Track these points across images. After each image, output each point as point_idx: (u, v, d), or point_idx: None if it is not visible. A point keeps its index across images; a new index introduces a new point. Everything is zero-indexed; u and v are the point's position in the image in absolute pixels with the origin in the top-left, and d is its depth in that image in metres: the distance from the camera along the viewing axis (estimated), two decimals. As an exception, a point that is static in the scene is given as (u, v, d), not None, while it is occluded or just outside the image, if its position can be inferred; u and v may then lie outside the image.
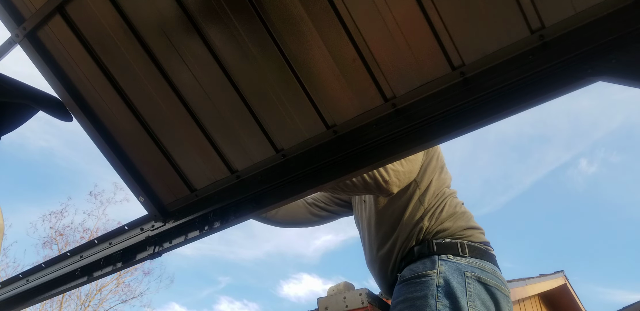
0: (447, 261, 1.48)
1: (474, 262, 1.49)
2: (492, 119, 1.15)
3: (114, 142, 1.82)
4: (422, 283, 1.44)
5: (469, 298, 1.38)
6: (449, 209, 1.65)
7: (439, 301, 1.37)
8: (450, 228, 1.58)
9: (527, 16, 1.13)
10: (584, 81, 1.04)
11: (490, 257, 1.56)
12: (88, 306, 16.10)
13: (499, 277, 1.52)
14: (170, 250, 1.77)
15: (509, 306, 1.48)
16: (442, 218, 1.61)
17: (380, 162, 1.34)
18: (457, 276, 1.43)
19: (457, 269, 1.46)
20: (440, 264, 1.47)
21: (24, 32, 1.71)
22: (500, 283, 1.49)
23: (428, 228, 1.59)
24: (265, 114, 1.55)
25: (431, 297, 1.38)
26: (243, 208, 1.60)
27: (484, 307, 1.40)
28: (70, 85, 1.77)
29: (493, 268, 1.52)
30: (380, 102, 1.37)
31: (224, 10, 1.44)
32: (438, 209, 1.63)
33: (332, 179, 1.41)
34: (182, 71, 1.59)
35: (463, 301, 1.37)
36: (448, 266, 1.46)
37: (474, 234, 1.60)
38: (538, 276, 8.03)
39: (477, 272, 1.46)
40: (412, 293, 1.44)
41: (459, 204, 1.72)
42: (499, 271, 1.55)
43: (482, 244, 1.58)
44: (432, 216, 1.61)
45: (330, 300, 1.71)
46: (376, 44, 1.32)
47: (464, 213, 1.68)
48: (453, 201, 1.71)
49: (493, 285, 1.46)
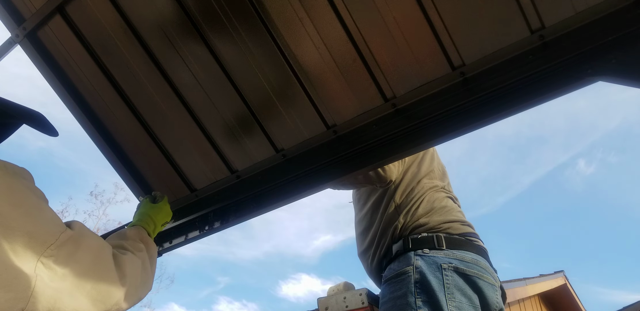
0: (423, 255, 1.46)
1: (451, 253, 1.47)
2: (492, 119, 1.16)
3: (114, 142, 1.82)
4: (401, 282, 1.43)
5: (447, 291, 1.36)
6: (426, 205, 1.62)
7: (418, 297, 1.36)
8: (427, 224, 1.56)
9: (527, 16, 1.13)
10: (584, 81, 1.04)
11: (472, 247, 1.53)
12: (88, 306, 16.10)
13: (482, 266, 1.48)
14: (171, 250, 1.78)
15: (495, 294, 1.46)
16: (418, 215, 1.59)
17: (380, 162, 1.34)
18: (433, 269, 1.42)
19: (434, 262, 1.44)
20: (416, 259, 1.45)
21: (24, 32, 1.71)
22: (482, 271, 1.46)
23: (404, 225, 1.57)
24: (265, 114, 1.55)
25: (410, 294, 1.38)
26: (243, 208, 1.60)
27: (465, 297, 1.38)
28: (70, 85, 1.77)
29: (474, 258, 1.48)
30: (380, 102, 1.37)
31: (225, 11, 1.44)
32: (414, 206, 1.61)
33: (332, 179, 1.41)
34: (182, 71, 1.59)
35: (441, 295, 1.35)
36: (424, 261, 1.45)
37: (452, 226, 1.57)
38: (538, 276, 8.02)
39: (454, 263, 1.44)
40: (393, 293, 1.43)
41: (439, 198, 1.67)
42: (482, 260, 1.51)
43: (462, 235, 1.55)
44: (408, 213, 1.59)
45: (330, 300, 1.71)
46: (376, 44, 1.32)
47: (443, 208, 1.63)
48: (433, 196, 1.66)
49: (473, 274, 1.43)
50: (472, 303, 1.39)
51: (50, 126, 1.00)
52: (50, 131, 1.00)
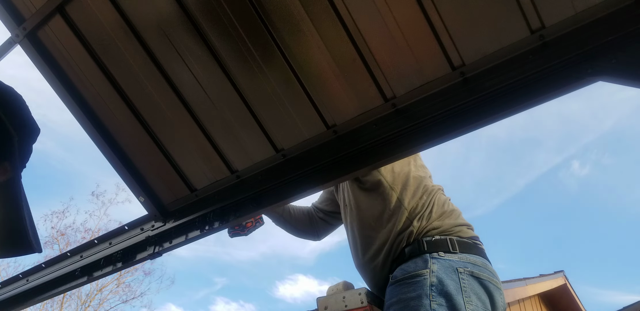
0: (439, 258, 1.47)
1: (465, 257, 1.49)
2: (492, 119, 1.15)
3: (114, 142, 1.82)
4: (416, 283, 1.43)
5: (464, 294, 1.38)
6: (437, 209, 1.64)
7: (434, 300, 1.37)
8: (441, 227, 1.58)
9: (527, 16, 1.13)
10: (584, 81, 1.04)
11: (480, 251, 1.56)
12: (89, 306, 16.09)
13: (490, 270, 1.52)
14: (171, 250, 1.77)
15: (501, 298, 1.49)
16: (432, 218, 1.60)
17: (380, 162, 1.34)
18: (450, 273, 1.43)
19: (450, 266, 1.45)
20: (433, 263, 1.46)
21: (24, 32, 1.71)
22: (491, 275, 1.50)
23: (418, 229, 1.58)
24: (265, 114, 1.55)
25: (425, 297, 1.38)
26: (243, 208, 1.60)
27: (480, 301, 1.40)
28: (70, 85, 1.77)
29: (484, 262, 1.52)
30: (380, 102, 1.37)
31: (224, 11, 1.44)
32: (427, 210, 1.63)
33: (332, 179, 1.41)
34: (182, 71, 1.59)
35: (459, 298, 1.37)
36: (440, 264, 1.45)
37: (462, 230, 1.59)
38: (538, 276, 8.02)
39: (469, 267, 1.46)
40: (405, 294, 1.43)
41: (447, 201, 1.71)
42: (489, 264, 1.55)
43: (470, 239, 1.58)
44: (422, 218, 1.60)
45: (329, 299, 1.71)
46: (376, 44, 1.32)
47: (453, 211, 1.67)
48: (441, 199, 1.69)
49: (485, 278, 1.46)
50: (485, 307, 1.41)
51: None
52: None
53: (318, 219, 2.11)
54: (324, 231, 2.13)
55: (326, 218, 2.11)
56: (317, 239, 2.16)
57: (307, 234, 2.12)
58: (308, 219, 2.11)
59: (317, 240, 2.16)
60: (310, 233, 2.12)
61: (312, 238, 2.14)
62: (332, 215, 2.10)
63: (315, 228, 2.11)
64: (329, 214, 2.10)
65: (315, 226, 2.11)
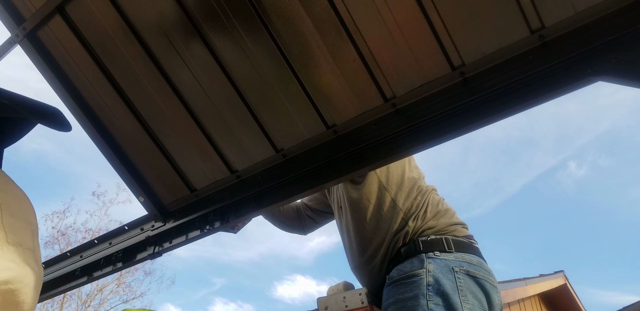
0: (435, 258, 1.48)
1: (460, 256, 1.50)
2: (492, 119, 1.15)
3: (114, 142, 1.82)
4: (412, 283, 1.44)
5: (461, 293, 1.39)
6: (432, 208, 1.65)
7: (430, 300, 1.37)
8: (436, 226, 1.59)
9: (527, 16, 1.13)
10: (584, 81, 1.04)
11: (475, 250, 1.57)
12: (89, 306, 16.09)
13: (486, 269, 1.52)
14: (171, 250, 1.78)
15: (498, 296, 1.49)
16: (427, 218, 1.61)
17: (380, 162, 1.34)
18: (446, 272, 1.44)
19: (446, 265, 1.46)
20: (429, 262, 1.47)
21: (24, 32, 1.71)
22: (487, 274, 1.50)
23: (414, 229, 1.59)
24: (265, 114, 1.55)
25: (422, 297, 1.38)
26: (243, 208, 1.60)
27: (476, 300, 1.40)
28: (70, 85, 1.77)
29: (479, 261, 1.53)
30: (380, 102, 1.37)
31: (224, 11, 1.44)
32: (422, 210, 1.63)
33: (332, 179, 1.41)
34: (182, 71, 1.59)
35: (455, 297, 1.37)
36: (436, 264, 1.46)
37: (457, 229, 1.60)
38: (538, 276, 8.02)
39: (465, 266, 1.47)
40: (402, 294, 1.44)
41: (441, 201, 1.72)
42: (485, 262, 1.56)
43: (465, 238, 1.59)
44: (417, 218, 1.61)
45: (330, 299, 1.71)
46: (376, 44, 1.32)
47: (447, 210, 1.68)
48: (435, 198, 1.70)
49: (482, 277, 1.46)
50: (482, 305, 1.41)
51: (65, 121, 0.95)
52: (64, 127, 0.95)
53: (306, 217, 2.13)
54: (310, 228, 2.18)
55: (314, 216, 2.13)
56: (303, 234, 2.21)
57: (294, 229, 2.16)
58: (296, 216, 2.14)
59: (303, 235, 2.22)
60: (297, 228, 2.16)
61: (299, 233, 2.19)
62: (321, 214, 2.13)
63: (303, 224, 2.15)
64: (317, 213, 2.13)
65: (302, 223, 2.15)
